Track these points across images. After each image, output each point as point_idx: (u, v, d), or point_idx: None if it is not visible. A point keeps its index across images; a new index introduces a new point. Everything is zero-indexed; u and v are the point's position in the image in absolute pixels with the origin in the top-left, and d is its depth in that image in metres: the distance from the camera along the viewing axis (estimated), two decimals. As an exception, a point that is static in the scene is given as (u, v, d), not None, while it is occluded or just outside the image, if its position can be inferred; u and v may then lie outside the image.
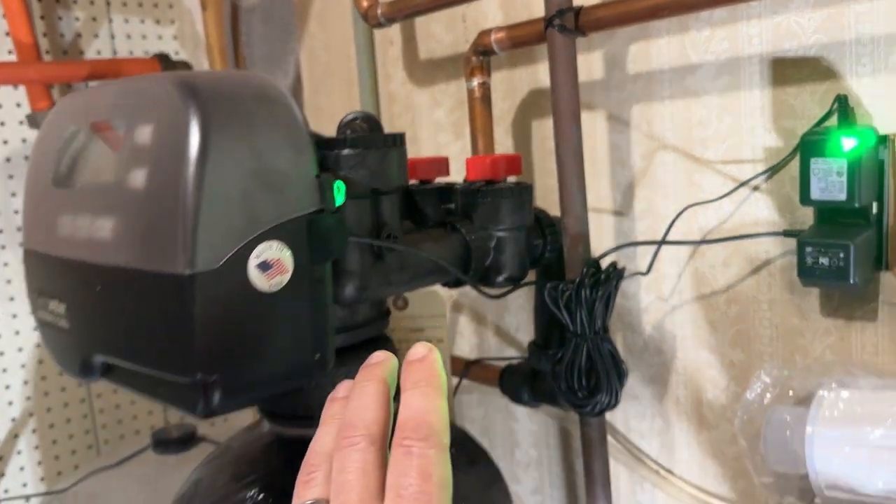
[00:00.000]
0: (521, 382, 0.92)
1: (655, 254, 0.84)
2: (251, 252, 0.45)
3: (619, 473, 1.01)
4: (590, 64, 0.93)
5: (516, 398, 0.92)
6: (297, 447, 0.52)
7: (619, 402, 0.81)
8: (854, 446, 0.66)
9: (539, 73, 1.00)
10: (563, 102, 0.78)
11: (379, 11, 0.99)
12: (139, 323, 0.48)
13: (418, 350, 0.39)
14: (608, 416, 0.99)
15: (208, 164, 0.42)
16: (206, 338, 0.44)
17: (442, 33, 1.12)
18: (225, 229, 0.44)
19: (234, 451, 0.68)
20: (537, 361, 0.87)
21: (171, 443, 1.21)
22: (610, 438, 0.98)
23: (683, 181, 0.86)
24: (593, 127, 0.94)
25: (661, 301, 0.91)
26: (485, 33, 0.91)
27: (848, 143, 0.68)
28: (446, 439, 0.34)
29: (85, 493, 1.22)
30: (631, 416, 0.98)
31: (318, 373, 0.52)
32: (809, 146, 0.70)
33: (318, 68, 1.40)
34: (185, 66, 1.51)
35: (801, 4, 0.74)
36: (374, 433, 0.35)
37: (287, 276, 0.48)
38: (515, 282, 0.80)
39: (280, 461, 0.65)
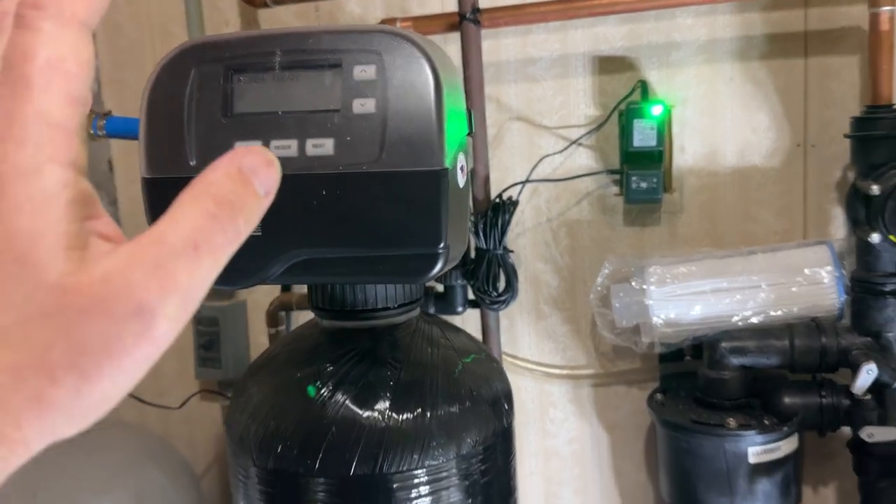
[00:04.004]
0: (427, 298, 1.16)
1: (521, 190, 1.17)
2: (458, 158, 0.68)
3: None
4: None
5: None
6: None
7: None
8: (678, 295, 1.08)
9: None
10: (474, 79, 1.06)
11: (268, -6, 1.13)
12: (384, 214, 0.65)
13: None
14: (461, 326, 1.29)
15: (443, 96, 0.65)
16: (447, 217, 0.65)
17: (291, 20, 1.28)
18: (451, 140, 0.66)
19: (290, 345, 0.83)
20: (446, 279, 1.12)
21: None
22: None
23: (526, 142, 1.21)
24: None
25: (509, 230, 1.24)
26: (388, 21, 1.12)
27: (657, 110, 1.10)
28: (84, 16, 0.25)
29: None
30: (479, 323, 1.29)
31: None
32: (633, 112, 1.10)
33: (124, 42, 1.40)
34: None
35: (613, 21, 1.14)
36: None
37: (466, 178, 0.71)
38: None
39: (335, 350, 0.82)
